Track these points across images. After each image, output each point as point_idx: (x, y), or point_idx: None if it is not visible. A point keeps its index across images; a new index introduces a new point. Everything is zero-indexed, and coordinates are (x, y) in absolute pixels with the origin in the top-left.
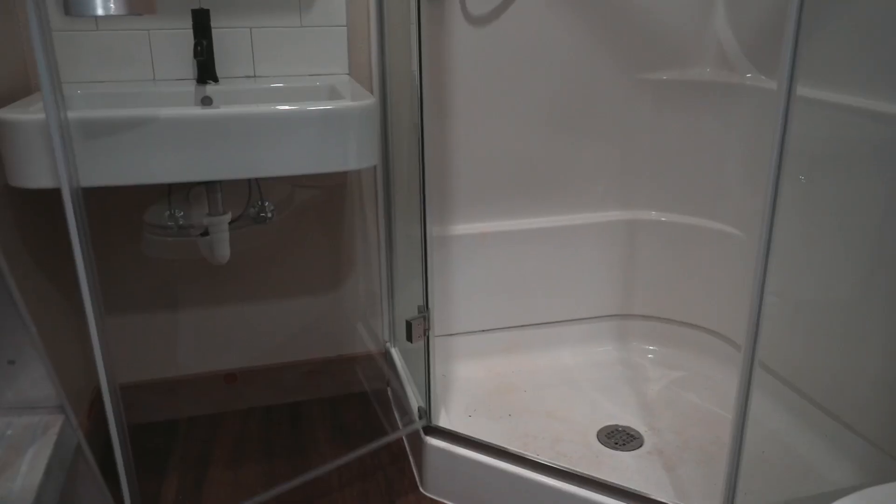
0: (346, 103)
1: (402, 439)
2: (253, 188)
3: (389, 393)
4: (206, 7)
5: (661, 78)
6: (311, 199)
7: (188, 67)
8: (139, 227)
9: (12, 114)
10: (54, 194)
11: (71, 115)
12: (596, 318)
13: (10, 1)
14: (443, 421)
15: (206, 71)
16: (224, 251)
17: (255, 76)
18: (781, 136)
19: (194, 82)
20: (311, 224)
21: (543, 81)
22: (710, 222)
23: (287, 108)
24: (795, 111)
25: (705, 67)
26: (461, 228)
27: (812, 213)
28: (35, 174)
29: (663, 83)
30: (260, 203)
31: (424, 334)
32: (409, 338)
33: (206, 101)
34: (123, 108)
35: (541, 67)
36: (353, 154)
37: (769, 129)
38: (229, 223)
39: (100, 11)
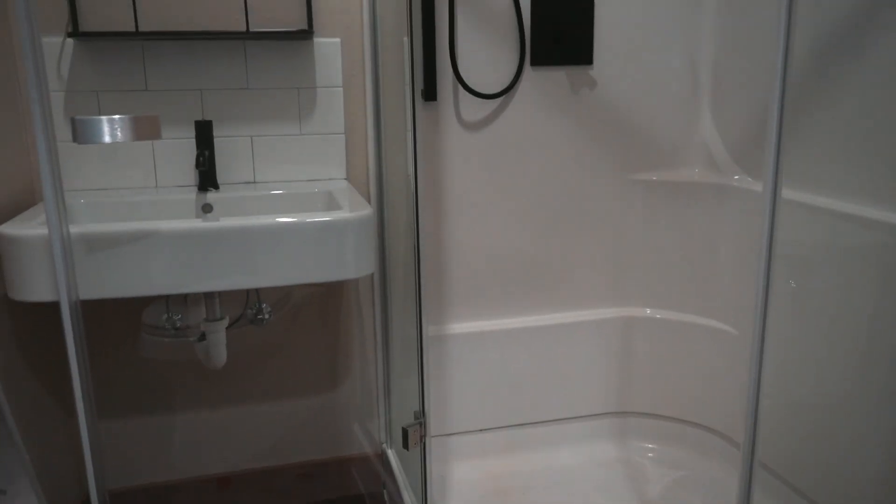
0: (343, 215)
1: None
2: (251, 290)
3: (386, 496)
4: (209, 118)
5: (652, 178)
6: (307, 299)
7: (190, 174)
8: (136, 326)
9: (16, 229)
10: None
11: (73, 230)
12: (594, 415)
13: (20, 116)
14: None
15: (207, 179)
16: (220, 357)
17: (254, 182)
18: (769, 240)
19: (195, 189)
20: (307, 324)
21: (537, 182)
22: (704, 319)
23: (286, 220)
24: (781, 215)
25: (694, 168)
26: (458, 327)
27: (803, 312)
28: (35, 289)
29: (654, 183)
30: (257, 305)
31: (421, 440)
32: (406, 445)
33: (207, 209)
34: (125, 218)
35: (534, 168)
36: (350, 264)
37: (758, 228)
38: (226, 327)
39: (107, 139)
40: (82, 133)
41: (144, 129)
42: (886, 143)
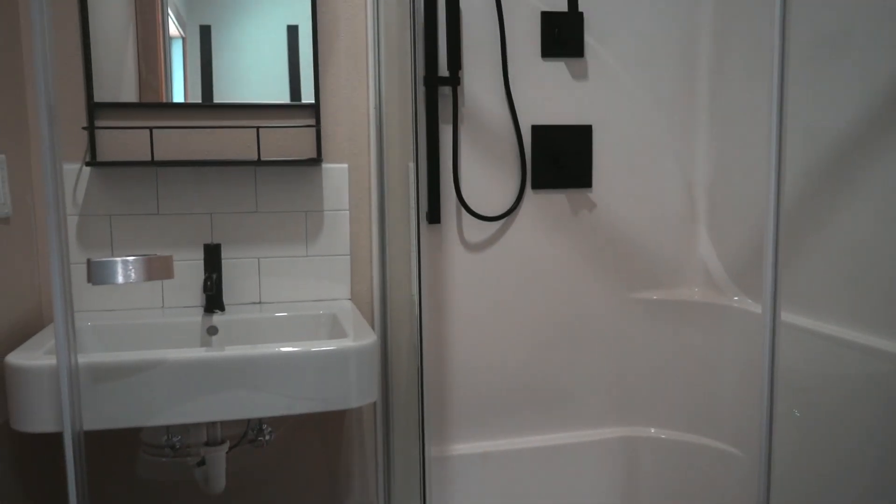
0: (347, 344)
1: None
2: None
3: None
4: (218, 241)
5: (652, 297)
6: (308, 420)
7: (196, 296)
8: (135, 446)
9: (23, 359)
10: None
11: (80, 360)
12: None
13: (33, 238)
14: None
15: (213, 301)
16: (219, 483)
17: (260, 302)
18: (770, 367)
19: (201, 310)
20: (308, 444)
21: (539, 301)
22: (709, 440)
23: (289, 349)
24: (782, 340)
25: (693, 287)
26: (460, 448)
27: (809, 436)
28: (40, 419)
29: (654, 302)
30: (258, 426)
31: None
32: None
33: (212, 331)
34: (132, 341)
35: (536, 288)
36: (353, 393)
37: (759, 351)
38: (226, 451)
39: (120, 280)
40: (97, 274)
41: (157, 269)
42: (882, 271)
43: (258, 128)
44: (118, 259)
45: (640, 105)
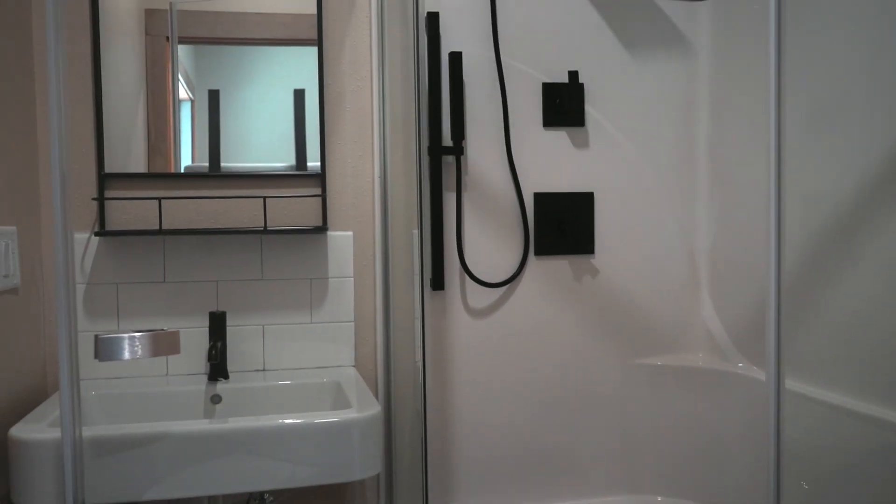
0: (351, 415)
1: None
2: None
3: None
4: (223, 309)
5: (656, 363)
6: (311, 487)
7: (200, 363)
8: None
9: (27, 433)
10: None
11: (84, 433)
12: None
13: (37, 308)
14: None
15: (217, 370)
16: None
17: (264, 370)
18: (776, 438)
19: (206, 378)
20: None
21: (543, 367)
22: None
23: (292, 421)
24: (787, 410)
25: (698, 353)
26: None
27: None
28: (41, 493)
29: (658, 368)
30: (260, 495)
31: None
32: None
33: (216, 400)
34: (136, 411)
35: (540, 353)
36: (357, 465)
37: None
38: None
39: (127, 356)
40: (104, 351)
41: (164, 345)
42: (886, 340)
43: (265, 197)
44: (125, 335)
45: (640, 172)
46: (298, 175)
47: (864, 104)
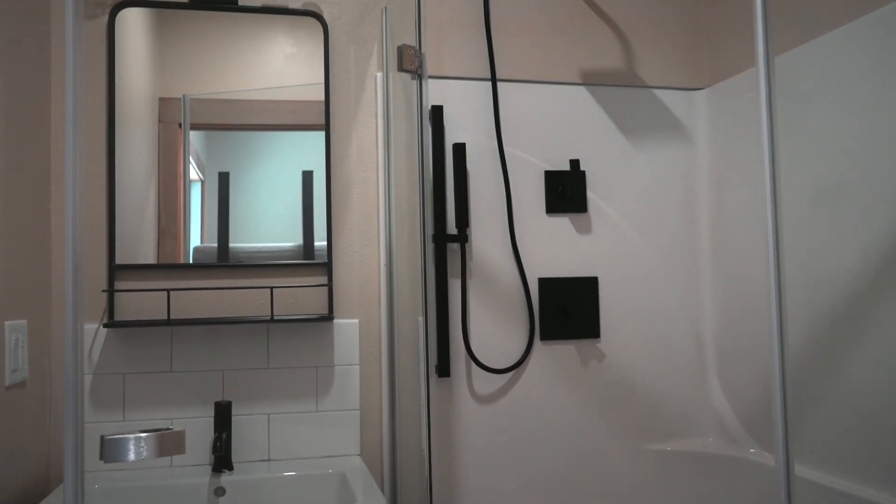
0: None
1: None
2: None
3: None
4: (229, 398)
5: (666, 448)
6: None
7: (205, 453)
8: None
9: None
10: None
11: None
12: None
13: (43, 400)
14: None
15: (222, 461)
16: None
17: (269, 460)
18: None
19: (209, 469)
20: None
21: (550, 452)
22: None
23: None
24: (799, 499)
25: (708, 437)
26: None
27: None
28: None
29: (668, 454)
30: None
31: None
32: None
33: (220, 492)
34: None
35: (547, 439)
36: None
37: None
38: None
39: (132, 458)
40: (110, 452)
41: (169, 445)
42: (889, 427)
43: (272, 288)
44: (130, 436)
45: (643, 256)
46: (305, 264)
47: (863, 185)
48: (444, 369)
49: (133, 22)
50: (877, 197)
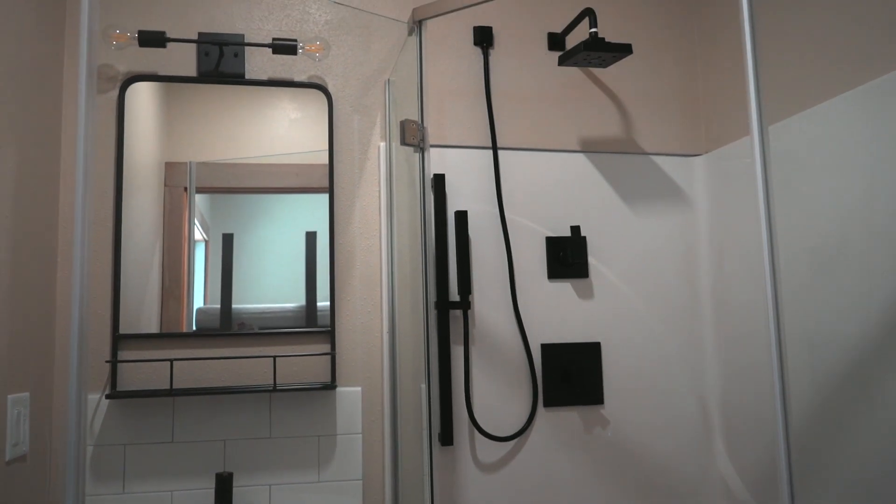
0: None
1: None
2: None
3: None
4: (230, 469)
5: None
6: None
7: None
8: None
9: None
10: None
11: None
12: None
13: (43, 472)
14: None
15: None
16: None
17: None
18: None
19: None
20: None
21: None
22: None
23: None
24: None
25: (714, 502)
26: None
27: None
28: None
29: None
30: None
31: None
32: None
33: None
34: None
35: None
36: None
37: None
38: None
39: None
40: None
41: None
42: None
43: (275, 357)
44: None
45: (645, 320)
46: (308, 332)
47: (862, 250)
48: (447, 437)
49: (142, 93)
50: (875, 260)
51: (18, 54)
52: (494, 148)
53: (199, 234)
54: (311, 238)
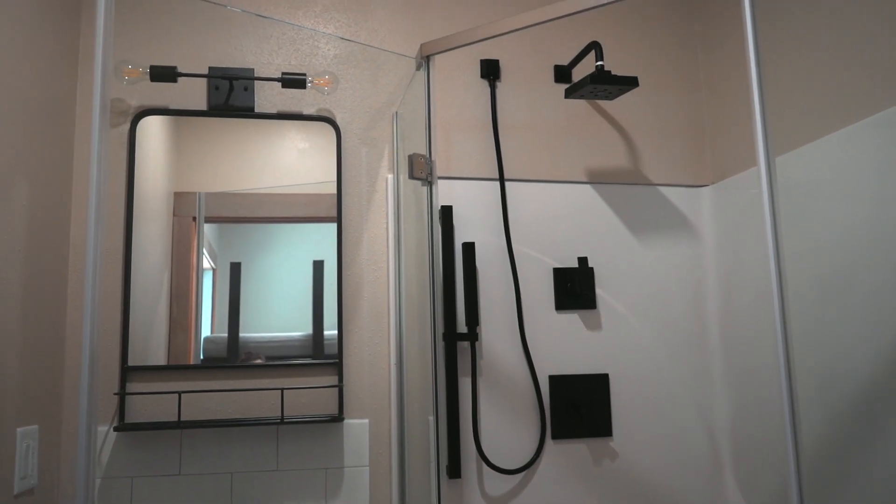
0: None
1: None
2: None
3: None
4: (237, 503)
5: None
6: None
7: None
8: None
9: None
10: None
11: None
12: None
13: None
14: None
15: None
16: None
17: None
18: None
19: None
20: None
21: None
22: None
23: None
24: None
25: None
26: None
27: None
28: None
29: None
30: None
31: None
32: None
33: None
34: None
35: None
36: None
37: None
38: None
39: None
40: None
41: None
42: None
43: (282, 389)
44: None
45: (654, 352)
46: (316, 364)
47: (872, 278)
48: (454, 470)
49: (153, 126)
50: (885, 290)
51: (33, 88)
52: (502, 179)
53: (207, 262)
54: (318, 267)
